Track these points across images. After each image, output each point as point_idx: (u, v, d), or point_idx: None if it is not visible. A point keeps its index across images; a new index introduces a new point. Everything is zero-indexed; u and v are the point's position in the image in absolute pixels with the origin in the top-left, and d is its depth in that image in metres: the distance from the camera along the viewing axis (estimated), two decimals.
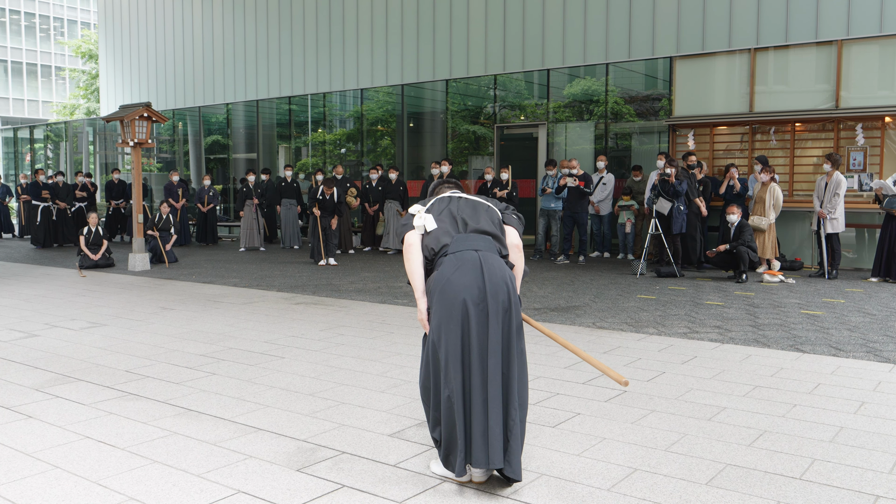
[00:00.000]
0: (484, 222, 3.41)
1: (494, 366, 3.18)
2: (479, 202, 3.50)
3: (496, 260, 3.32)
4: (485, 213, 3.45)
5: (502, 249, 3.40)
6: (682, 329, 6.86)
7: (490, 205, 3.49)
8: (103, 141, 24.71)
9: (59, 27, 56.62)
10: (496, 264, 3.29)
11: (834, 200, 10.20)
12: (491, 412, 3.14)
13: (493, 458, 3.13)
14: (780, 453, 3.72)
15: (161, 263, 12.96)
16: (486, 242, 3.36)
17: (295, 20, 19.20)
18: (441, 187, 3.69)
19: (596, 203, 12.87)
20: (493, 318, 3.21)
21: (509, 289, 3.26)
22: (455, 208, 3.47)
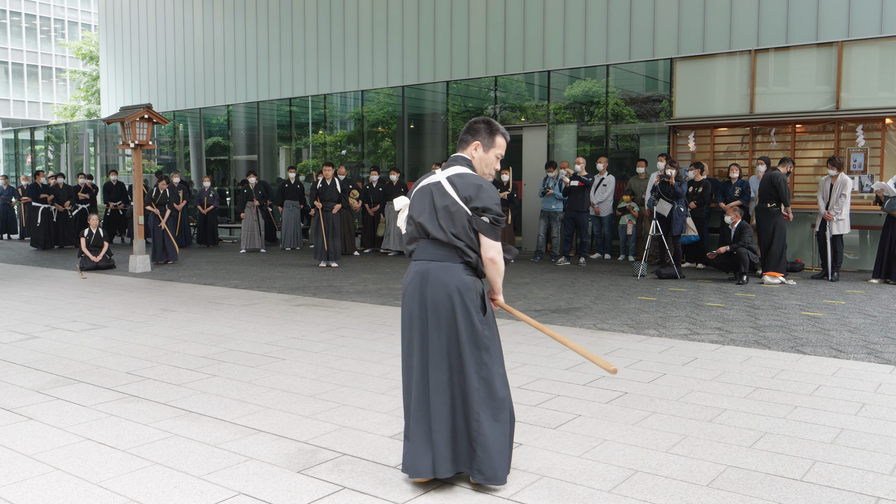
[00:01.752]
0: (445, 229, 3.20)
1: (438, 379, 3.20)
2: (448, 202, 3.22)
3: (447, 272, 3.19)
4: (447, 219, 3.21)
5: (466, 255, 3.21)
6: (682, 330, 6.86)
7: (461, 205, 3.20)
8: (104, 142, 24.73)
9: (59, 29, 56.68)
10: (445, 277, 3.19)
11: (840, 201, 10.19)
12: (434, 424, 3.21)
13: (421, 469, 3.23)
14: (780, 455, 3.72)
15: (163, 261, 13.07)
16: (443, 253, 3.22)
17: (296, 22, 19.22)
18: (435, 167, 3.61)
19: (596, 204, 12.87)
20: (435, 331, 3.20)
21: (455, 302, 3.17)
22: (429, 205, 3.28)
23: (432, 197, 3.24)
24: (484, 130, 3.33)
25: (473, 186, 3.19)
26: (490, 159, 3.36)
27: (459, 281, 3.18)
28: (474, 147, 3.34)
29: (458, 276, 3.18)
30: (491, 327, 3.24)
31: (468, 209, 3.17)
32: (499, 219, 3.21)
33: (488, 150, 3.34)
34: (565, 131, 14.96)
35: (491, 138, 3.33)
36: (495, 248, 3.20)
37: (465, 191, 3.19)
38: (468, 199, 3.18)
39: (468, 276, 3.21)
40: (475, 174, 3.28)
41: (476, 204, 3.17)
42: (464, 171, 3.26)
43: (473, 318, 3.18)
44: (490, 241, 3.19)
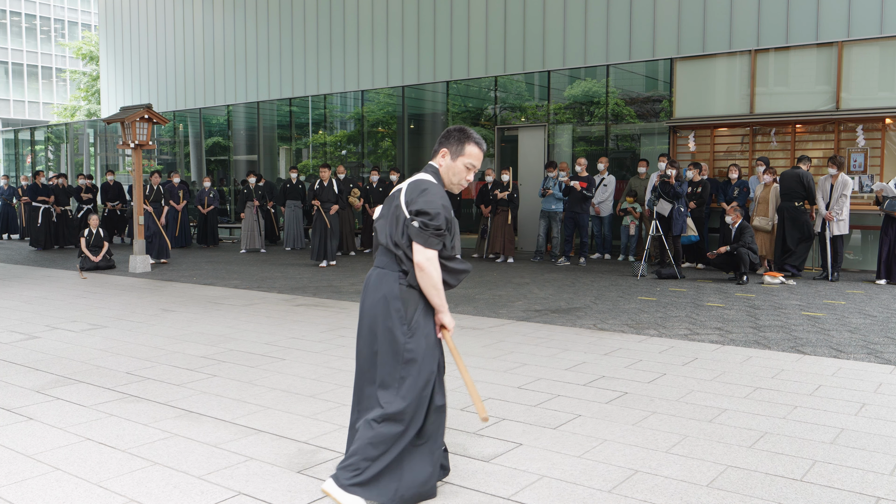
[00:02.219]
0: (389, 234, 3.09)
1: (358, 390, 3.17)
2: (396, 204, 3.10)
3: (383, 280, 3.09)
4: (393, 224, 3.09)
5: (402, 263, 3.07)
6: (682, 331, 6.86)
7: (403, 209, 3.05)
8: (104, 143, 24.73)
9: (59, 29, 56.69)
10: (379, 285, 3.10)
11: (840, 202, 10.19)
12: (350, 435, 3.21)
13: None
14: (780, 455, 3.72)
15: (160, 258, 13.08)
16: (386, 260, 3.12)
17: (296, 22, 19.22)
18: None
19: (597, 204, 12.87)
20: (362, 341, 3.15)
21: (379, 311, 3.06)
22: (388, 210, 3.18)
23: (391, 202, 3.15)
24: (454, 138, 3.17)
25: (418, 191, 3.04)
26: (457, 168, 3.16)
27: (389, 289, 3.06)
28: (442, 155, 3.18)
29: (390, 285, 3.06)
30: (417, 340, 3.04)
31: (407, 213, 3.02)
32: (429, 223, 2.97)
33: (456, 159, 3.16)
34: (564, 131, 14.97)
35: (460, 146, 3.15)
36: (424, 255, 2.98)
37: (409, 194, 3.05)
38: (409, 203, 3.03)
39: (400, 286, 3.06)
40: (430, 181, 3.10)
41: (412, 207, 3.01)
42: (423, 177, 3.12)
43: (395, 329, 3.03)
44: (418, 246, 2.98)
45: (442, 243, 3.03)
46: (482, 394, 4.83)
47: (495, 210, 13.06)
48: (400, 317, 3.05)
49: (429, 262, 2.99)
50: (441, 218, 2.99)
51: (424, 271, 3.00)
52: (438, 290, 3.06)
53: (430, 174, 3.14)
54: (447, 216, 3.03)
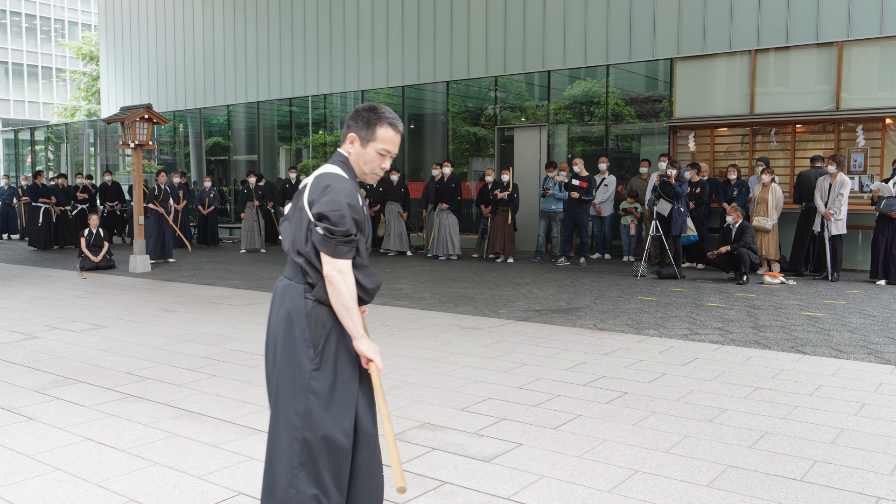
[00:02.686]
0: (293, 240, 2.60)
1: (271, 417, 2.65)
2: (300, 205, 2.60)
3: (288, 293, 2.59)
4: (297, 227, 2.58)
5: (307, 275, 2.56)
6: (682, 331, 6.86)
7: (307, 210, 2.55)
8: (104, 143, 24.73)
9: (59, 29, 56.69)
10: (284, 299, 2.60)
11: (838, 201, 10.19)
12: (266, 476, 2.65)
13: None
14: (780, 455, 3.72)
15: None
16: (291, 270, 2.63)
17: (296, 22, 19.22)
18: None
19: (597, 204, 12.87)
20: (269, 362, 2.66)
21: (282, 331, 2.56)
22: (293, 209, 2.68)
23: (296, 202, 2.64)
24: (363, 119, 2.63)
25: (320, 188, 2.54)
26: (370, 156, 2.64)
27: (293, 305, 2.55)
28: (350, 141, 2.65)
29: (294, 300, 2.56)
30: (325, 366, 2.52)
31: (311, 216, 2.52)
32: (334, 229, 2.46)
33: (366, 145, 2.63)
34: (564, 132, 14.96)
35: (370, 129, 2.61)
36: (332, 266, 2.47)
37: (312, 193, 2.55)
38: (311, 203, 2.54)
39: (306, 301, 2.54)
40: (336, 174, 2.59)
41: (314, 209, 2.51)
42: (328, 169, 2.61)
43: (298, 352, 2.52)
44: (326, 256, 2.48)
45: (355, 249, 2.52)
46: (482, 394, 4.83)
47: (495, 210, 13.06)
48: (304, 338, 2.52)
49: (339, 274, 2.48)
50: (347, 220, 2.48)
51: (334, 286, 2.48)
52: (350, 311, 2.50)
53: (337, 165, 2.64)
54: (355, 216, 2.52)
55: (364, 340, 2.56)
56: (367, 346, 2.56)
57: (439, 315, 7.75)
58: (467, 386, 5.02)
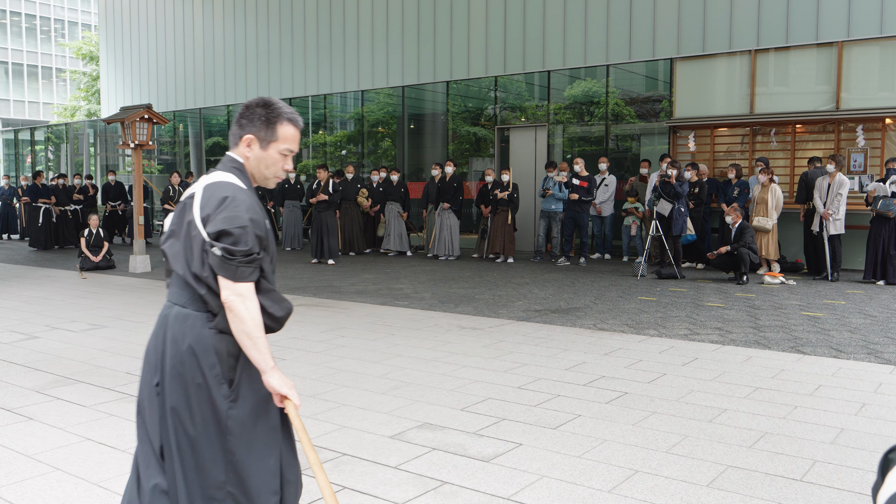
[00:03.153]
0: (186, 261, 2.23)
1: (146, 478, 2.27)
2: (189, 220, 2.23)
3: (185, 323, 2.23)
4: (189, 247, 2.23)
5: (208, 302, 2.21)
6: (682, 331, 6.86)
7: (200, 228, 2.20)
8: (104, 143, 24.72)
9: (59, 29, 56.69)
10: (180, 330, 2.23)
11: (837, 201, 10.19)
12: None
13: None
14: (780, 455, 3.72)
15: None
16: (187, 296, 2.25)
17: (296, 22, 19.22)
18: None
19: (598, 204, 12.87)
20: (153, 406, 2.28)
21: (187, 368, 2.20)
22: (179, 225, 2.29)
23: (183, 215, 2.28)
24: (260, 119, 2.31)
25: (216, 201, 2.19)
26: (272, 158, 2.33)
27: (196, 337, 2.20)
28: (247, 143, 2.32)
29: (197, 332, 2.21)
30: (243, 400, 2.21)
31: (205, 235, 2.18)
32: (235, 249, 2.13)
33: (268, 147, 2.32)
34: (563, 132, 14.96)
35: (271, 129, 2.32)
36: (233, 291, 2.14)
37: (205, 207, 2.20)
38: (206, 220, 2.19)
39: (210, 332, 2.21)
40: (232, 183, 2.25)
41: (210, 227, 2.16)
42: (221, 178, 2.27)
43: (211, 391, 2.19)
44: (226, 280, 2.15)
45: (258, 271, 2.20)
46: (482, 394, 4.83)
47: (495, 210, 13.06)
48: (216, 376, 2.20)
49: (240, 299, 2.14)
50: (250, 237, 2.15)
51: (236, 313, 2.14)
52: (256, 340, 2.17)
53: (230, 172, 2.29)
54: (258, 232, 2.19)
55: (275, 374, 2.21)
56: (279, 381, 2.21)
57: (439, 315, 7.75)
58: (467, 386, 5.02)
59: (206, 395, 2.19)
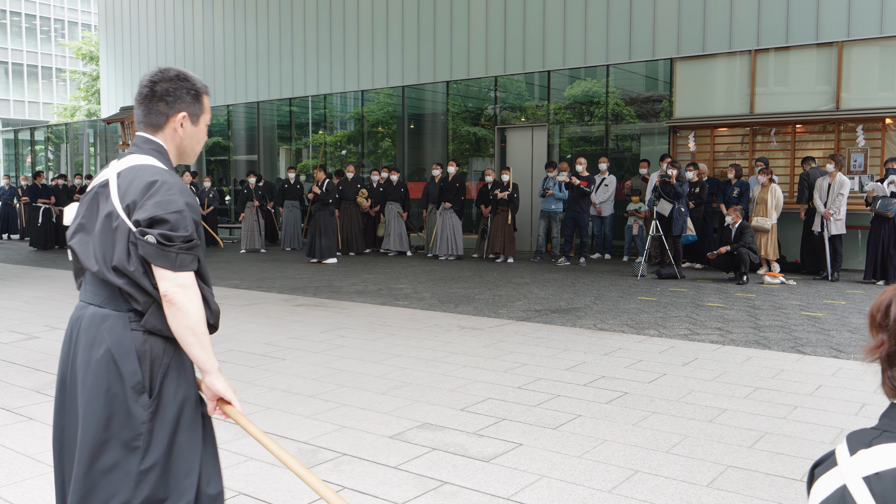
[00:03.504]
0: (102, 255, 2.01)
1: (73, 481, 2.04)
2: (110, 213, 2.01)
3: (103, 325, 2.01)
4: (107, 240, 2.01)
5: (132, 299, 1.99)
6: (682, 331, 6.86)
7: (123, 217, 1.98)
8: (104, 143, 24.73)
9: (59, 29, 56.70)
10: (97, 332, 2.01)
11: (838, 201, 10.19)
12: None
13: None
14: (781, 455, 3.72)
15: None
16: (104, 294, 2.03)
17: (296, 22, 19.22)
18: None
19: (598, 204, 12.87)
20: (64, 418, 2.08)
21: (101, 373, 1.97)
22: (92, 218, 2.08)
23: (98, 206, 2.07)
24: (188, 92, 2.13)
25: (143, 185, 1.98)
26: (202, 134, 2.20)
27: (116, 340, 1.98)
28: (180, 121, 2.13)
29: (117, 334, 1.98)
30: (163, 413, 1.99)
31: (131, 223, 1.97)
32: (174, 235, 1.94)
33: (199, 121, 2.17)
34: (563, 132, 14.96)
35: (198, 102, 2.16)
36: (175, 282, 1.95)
37: (130, 193, 1.99)
38: (132, 207, 1.98)
39: (133, 333, 1.99)
40: (157, 167, 2.05)
41: (140, 214, 1.96)
42: (144, 161, 2.05)
43: (128, 401, 1.96)
44: (164, 271, 1.95)
45: (197, 260, 2.01)
46: (482, 394, 4.83)
47: (495, 210, 13.06)
48: (136, 384, 1.97)
49: (184, 291, 1.95)
50: (188, 222, 1.98)
51: (178, 307, 1.95)
52: (201, 336, 1.99)
53: (150, 155, 2.08)
54: (195, 217, 2.02)
55: (221, 376, 2.04)
56: (225, 385, 2.05)
57: (439, 315, 7.75)
58: (467, 386, 5.02)
59: (121, 408, 1.96)
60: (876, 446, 1.13)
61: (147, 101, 2.12)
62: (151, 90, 2.11)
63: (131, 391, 1.97)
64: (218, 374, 2.05)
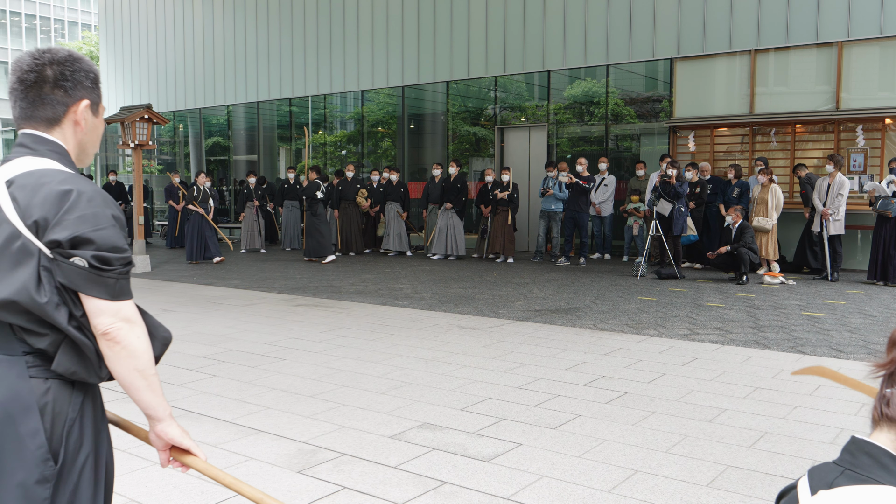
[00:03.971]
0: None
1: None
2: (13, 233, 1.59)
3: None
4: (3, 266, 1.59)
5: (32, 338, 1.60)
6: (682, 331, 6.86)
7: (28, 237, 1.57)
8: (104, 143, 24.72)
9: (59, 29, 56.70)
10: None
11: (837, 201, 10.19)
12: None
13: None
14: (780, 455, 3.72)
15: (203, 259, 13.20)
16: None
17: (295, 22, 19.22)
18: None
19: (597, 204, 12.88)
20: None
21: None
22: None
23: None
24: (86, 76, 1.73)
25: (54, 197, 1.58)
26: (102, 127, 1.82)
27: (8, 393, 1.58)
28: (82, 113, 1.73)
29: (8, 384, 1.59)
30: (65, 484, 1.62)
31: (42, 244, 1.57)
32: (111, 258, 1.58)
33: (98, 111, 1.79)
34: (563, 132, 14.96)
35: (97, 87, 1.77)
36: (116, 314, 1.60)
37: (36, 206, 1.58)
38: (42, 225, 1.57)
39: (33, 381, 1.61)
40: (64, 171, 1.65)
41: (59, 233, 1.56)
42: (47, 166, 1.65)
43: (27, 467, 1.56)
44: (101, 302, 1.58)
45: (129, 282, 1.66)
46: (482, 394, 4.83)
47: (495, 210, 13.06)
48: (39, 447, 1.58)
49: (129, 327, 1.62)
50: (121, 240, 1.62)
51: (124, 346, 1.61)
52: (151, 379, 1.68)
53: (51, 158, 1.67)
54: (125, 233, 1.67)
55: (174, 423, 1.74)
56: (181, 432, 1.74)
57: (439, 315, 7.75)
58: (467, 386, 5.02)
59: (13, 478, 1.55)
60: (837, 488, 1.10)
61: (35, 90, 1.67)
62: (40, 76, 1.67)
63: (31, 457, 1.56)
64: (171, 420, 1.74)
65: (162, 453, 1.77)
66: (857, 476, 1.11)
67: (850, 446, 1.16)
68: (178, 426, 1.75)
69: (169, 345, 1.77)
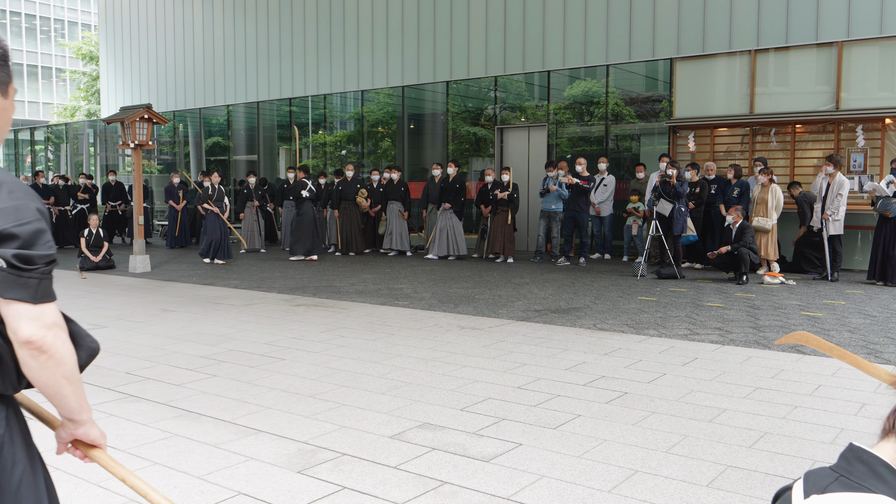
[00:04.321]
0: None
1: None
2: None
3: None
4: None
5: None
6: (682, 331, 6.86)
7: None
8: (104, 143, 24.73)
9: (59, 29, 56.71)
10: None
11: (837, 201, 10.20)
12: None
13: None
14: (780, 455, 3.72)
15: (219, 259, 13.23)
16: None
17: (295, 22, 19.22)
18: None
19: (597, 204, 12.88)
20: None
21: None
22: None
23: None
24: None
25: None
26: (13, 110, 1.61)
27: None
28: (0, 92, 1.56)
29: None
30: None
31: None
32: (33, 256, 1.42)
33: (8, 91, 1.58)
34: (563, 132, 14.96)
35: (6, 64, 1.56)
36: (40, 321, 1.44)
37: None
38: None
39: None
40: None
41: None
42: None
43: None
44: (23, 306, 1.42)
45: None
46: (482, 394, 4.83)
47: (495, 210, 13.06)
48: None
49: (55, 333, 1.46)
50: (46, 236, 1.47)
51: (50, 354, 1.45)
52: (77, 385, 1.54)
53: None
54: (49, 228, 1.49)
55: (95, 426, 1.64)
56: (100, 433, 1.65)
57: (439, 315, 7.75)
58: (467, 386, 5.02)
59: None
60: (829, 494, 1.11)
61: None
62: None
63: None
64: (93, 423, 1.62)
65: (61, 444, 1.66)
66: (850, 483, 1.11)
67: (846, 453, 1.17)
68: (97, 428, 1.65)
69: (95, 356, 1.62)
